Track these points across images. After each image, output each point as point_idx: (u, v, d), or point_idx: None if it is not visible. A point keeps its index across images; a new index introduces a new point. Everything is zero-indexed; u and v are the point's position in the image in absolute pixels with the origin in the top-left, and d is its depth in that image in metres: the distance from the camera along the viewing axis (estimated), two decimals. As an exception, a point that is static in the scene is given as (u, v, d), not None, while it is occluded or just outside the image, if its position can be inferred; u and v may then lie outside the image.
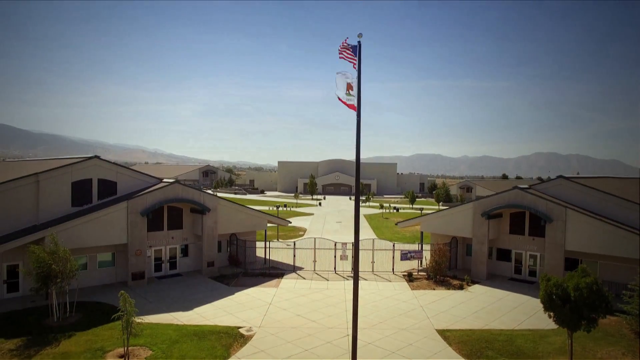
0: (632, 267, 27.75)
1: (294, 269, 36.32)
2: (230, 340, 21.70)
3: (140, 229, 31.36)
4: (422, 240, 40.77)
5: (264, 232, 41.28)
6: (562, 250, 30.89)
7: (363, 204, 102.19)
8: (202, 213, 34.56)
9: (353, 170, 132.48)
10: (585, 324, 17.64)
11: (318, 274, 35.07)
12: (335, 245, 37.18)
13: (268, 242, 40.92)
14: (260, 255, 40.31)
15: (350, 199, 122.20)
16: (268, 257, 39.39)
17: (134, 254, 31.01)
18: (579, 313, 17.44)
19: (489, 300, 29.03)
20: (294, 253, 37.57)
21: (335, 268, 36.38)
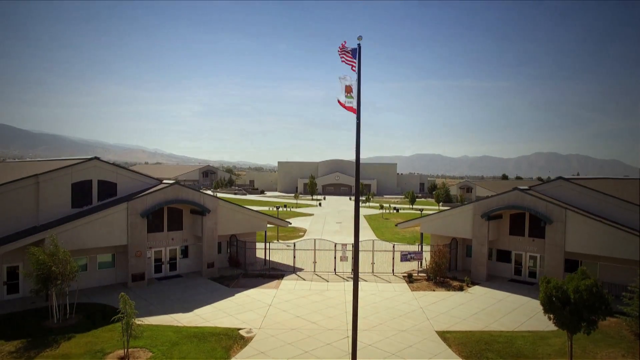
0: (632, 268, 27.76)
1: (294, 270, 36.33)
2: (231, 342, 21.71)
3: (140, 230, 31.37)
4: (422, 242, 40.81)
5: (264, 233, 41.30)
6: (562, 252, 30.90)
7: (363, 205, 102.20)
8: (202, 214, 34.57)
9: (353, 171, 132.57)
10: (585, 326, 17.65)
11: (318, 275, 35.08)
12: (335, 247, 37.19)
13: (268, 243, 40.93)
14: (260, 256, 40.32)
15: (350, 199, 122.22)
16: (268, 258, 39.40)
17: (134, 255, 31.02)
18: (579, 315, 17.45)
19: (489, 302, 29.05)
20: (294, 254, 37.59)
21: (335, 269, 36.39)
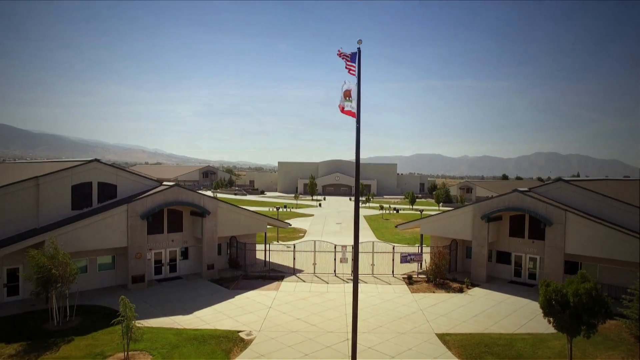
0: (632, 270, 27.72)
1: (294, 272, 36.35)
2: (230, 345, 21.72)
3: (140, 232, 31.39)
4: (422, 243, 40.81)
5: (264, 234, 41.31)
6: (561, 253, 30.91)
7: (363, 205, 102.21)
8: (202, 216, 34.58)
9: (353, 171, 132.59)
10: (585, 330, 17.67)
11: (318, 277, 35.09)
12: (335, 248, 37.20)
13: (268, 244, 40.94)
14: (260, 258, 40.35)
15: (350, 200, 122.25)
16: (268, 259, 39.42)
17: (134, 257, 31.03)
18: (579, 319, 17.48)
19: (489, 304, 29.05)
20: (294, 255, 37.59)
21: (335, 271, 36.39)
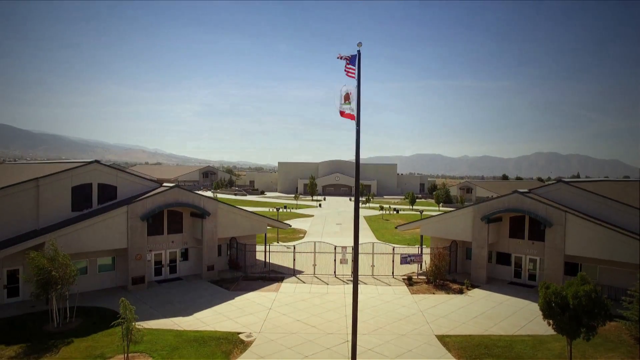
0: (632, 271, 27.75)
1: (294, 273, 36.36)
2: (230, 347, 21.73)
3: (140, 233, 31.40)
4: (422, 244, 40.82)
5: (264, 235, 41.32)
6: (561, 255, 30.92)
7: (363, 206, 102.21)
8: (202, 217, 34.60)
9: (353, 171, 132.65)
10: (585, 332, 17.67)
11: (318, 278, 35.10)
12: (335, 249, 37.21)
13: (268, 245, 40.94)
14: (260, 259, 40.37)
15: (350, 200, 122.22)
16: (268, 260, 39.43)
17: (134, 258, 31.05)
18: (578, 321, 17.48)
19: (489, 305, 29.06)
20: (294, 257, 37.59)
21: (335, 272, 36.41)
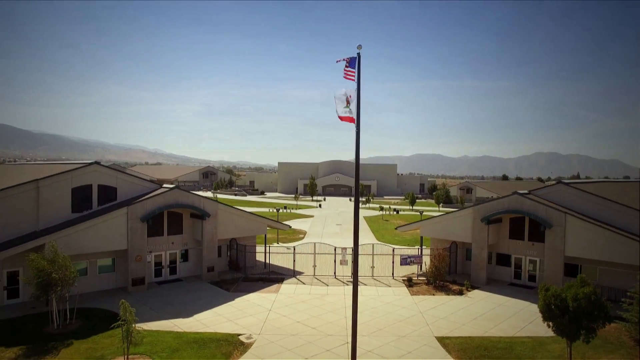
0: (631, 272, 27.75)
1: (294, 274, 36.37)
2: (230, 348, 21.74)
3: (140, 235, 31.41)
4: (421, 245, 40.82)
5: (264, 235, 41.33)
6: (561, 256, 30.93)
7: (363, 206, 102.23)
8: (202, 218, 34.61)
9: (353, 171, 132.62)
10: (585, 334, 17.68)
11: (318, 279, 35.11)
12: (335, 250, 37.22)
13: (268, 246, 40.94)
14: (260, 260, 40.38)
15: (350, 200, 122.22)
16: (268, 261, 39.44)
17: (134, 260, 31.05)
18: (578, 323, 17.49)
19: (489, 306, 29.07)
20: (294, 258, 37.60)
21: (335, 273, 36.43)
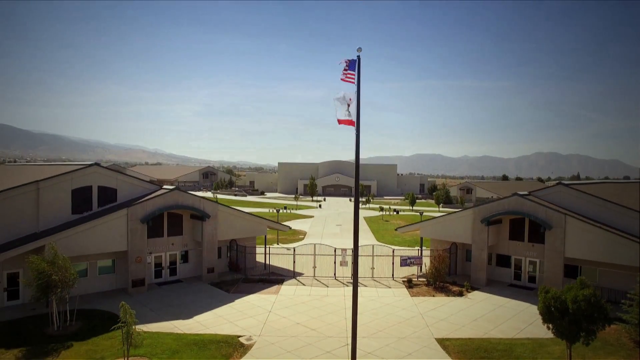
0: (631, 274, 27.75)
1: (294, 275, 36.37)
2: (230, 350, 21.75)
3: (140, 236, 31.41)
4: (421, 246, 40.83)
5: (264, 236, 41.33)
6: (561, 257, 30.93)
7: (363, 206, 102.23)
8: (202, 219, 34.62)
9: (353, 172, 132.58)
10: (584, 336, 17.69)
11: (318, 280, 35.12)
12: (335, 251, 37.22)
13: (268, 247, 40.94)
14: (260, 261, 40.37)
15: (350, 201, 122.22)
16: (268, 262, 39.43)
17: (134, 261, 31.06)
18: (578, 325, 17.50)
19: (489, 308, 29.07)
20: (294, 259, 37.60)
21: (335, 274, 36.43)
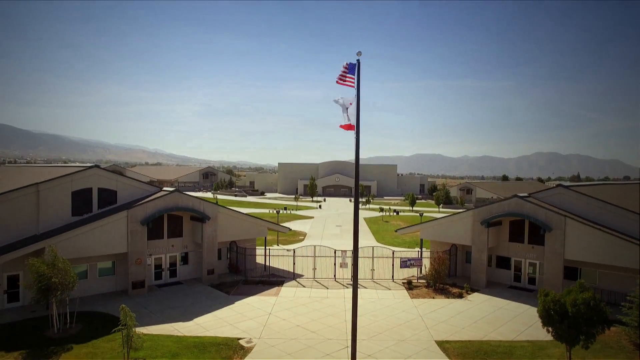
0: (631, 276, 27.78)
1: (294, 277, 36.38)
2: (230, 353, 21.77)
3: (140, 238, 31.42)
4: (421, 248, 40.83)
5: (264, 238, 41.34)
6: (561, 259, 30.94)
7: (363, 207, 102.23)
8: (202, 221, 34.63)
9: (353, 172, 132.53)
10: (584, 339, 17.71)
11: (318, 282, 35.13)
12: (335, 253, 37.23)
13: (268, 248, 40.96)
14: (260, 262, 40.38)
15: (350, 201, 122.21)
16: (268, 264, 39.45)
17: (134, 263, 31.07)
18: (577, 328, 17.51)
19: (488, 310, 29.08)
20: (294, 260, 37.61)
21: (335, 275, 36.45)
